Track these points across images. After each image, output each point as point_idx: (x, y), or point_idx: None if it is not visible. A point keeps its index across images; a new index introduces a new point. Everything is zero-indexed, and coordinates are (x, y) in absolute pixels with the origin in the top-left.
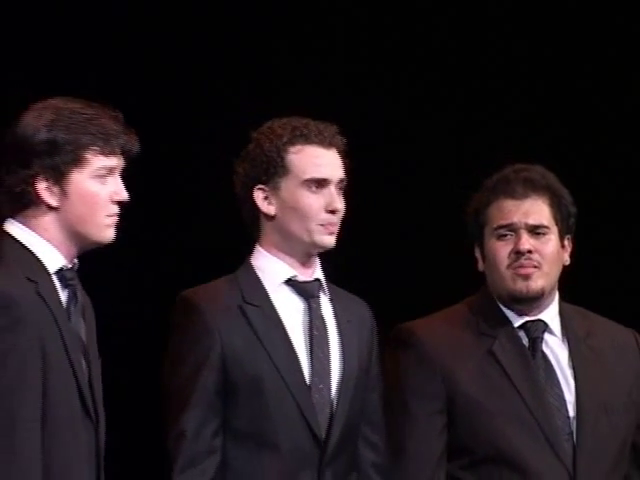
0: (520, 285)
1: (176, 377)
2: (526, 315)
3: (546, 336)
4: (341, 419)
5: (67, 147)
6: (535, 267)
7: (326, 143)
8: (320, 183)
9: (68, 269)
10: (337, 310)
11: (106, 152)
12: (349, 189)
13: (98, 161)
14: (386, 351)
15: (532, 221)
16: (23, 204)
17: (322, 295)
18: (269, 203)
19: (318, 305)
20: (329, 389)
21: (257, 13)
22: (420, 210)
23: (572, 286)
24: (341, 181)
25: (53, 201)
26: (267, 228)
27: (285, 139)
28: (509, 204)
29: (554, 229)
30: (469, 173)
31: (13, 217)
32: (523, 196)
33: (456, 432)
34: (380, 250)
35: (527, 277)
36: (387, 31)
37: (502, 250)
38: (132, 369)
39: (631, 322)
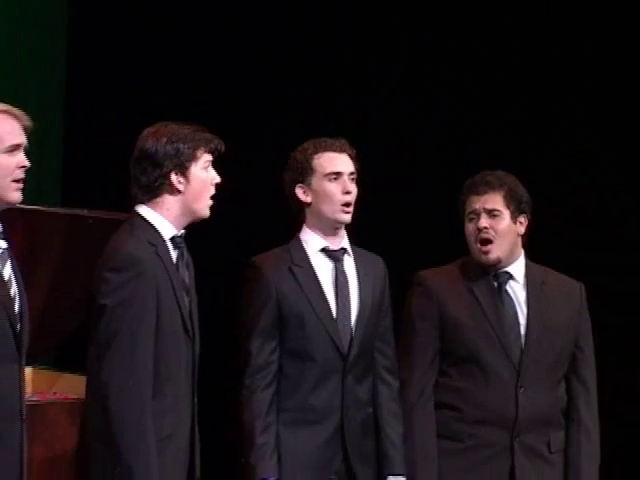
0: (482, 258)
1: (247, 315)
2: (496, 269)
3: (510, 282)
4: (358, 340)
5: (186, 150)
6: (490, 241)
7: (337, 150)
8: (336, 175)
9: (178, 236)
10: (358, 267)
11: (208, 151)
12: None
13: (204, 157)
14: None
15: (488, 206)
16: (157, 193)
17: (347, 258)
18: (306, 195)
19: (342, 265)
20: (349, 321)
21: (324, 15)
22: None
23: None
24: (352, 173)
25: (181, 187)
26: (308, 213)
27: (310, 151)
28: (474, 198)
29: (506, 212)
30: (534, 172)
31: (143, 203)
32: (483, 192)
33: (444, 341)
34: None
35: (486, 252)
36: (451, 31)
37: (470, 228)
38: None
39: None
